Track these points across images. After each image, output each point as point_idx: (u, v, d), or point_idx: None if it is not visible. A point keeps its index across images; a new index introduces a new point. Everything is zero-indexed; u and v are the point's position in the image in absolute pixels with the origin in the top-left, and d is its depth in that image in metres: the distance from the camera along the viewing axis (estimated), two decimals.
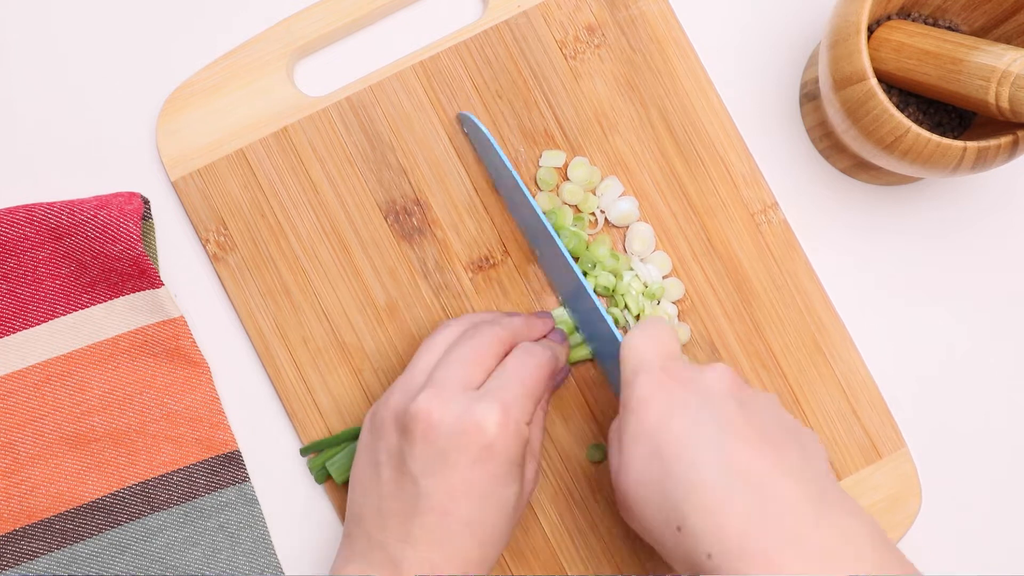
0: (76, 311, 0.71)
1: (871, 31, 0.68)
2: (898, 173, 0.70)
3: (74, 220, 0.70)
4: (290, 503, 0.72)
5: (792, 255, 0.72)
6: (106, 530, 0.70)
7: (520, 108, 0.73)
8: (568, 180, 0.72)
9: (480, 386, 0.63)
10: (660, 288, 0.71)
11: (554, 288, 0.72)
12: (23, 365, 0.71)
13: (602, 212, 0.72)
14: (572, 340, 0.71)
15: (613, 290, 0.71)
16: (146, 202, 0.72)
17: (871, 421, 0.72)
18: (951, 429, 0.73)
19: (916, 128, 0.62)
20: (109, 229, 0.70)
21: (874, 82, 0.63)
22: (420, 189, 0.72)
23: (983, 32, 0.68)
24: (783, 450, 0.57)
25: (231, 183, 0.72)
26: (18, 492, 0.70)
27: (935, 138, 0.62)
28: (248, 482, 0.71)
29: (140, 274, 0.71)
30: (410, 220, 0.72)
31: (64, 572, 0.70)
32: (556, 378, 0.69)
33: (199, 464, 0.71)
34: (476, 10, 0.74)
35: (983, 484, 0.73)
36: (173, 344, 0.72)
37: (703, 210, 0.73)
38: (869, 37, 0.67)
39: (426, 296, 0.72)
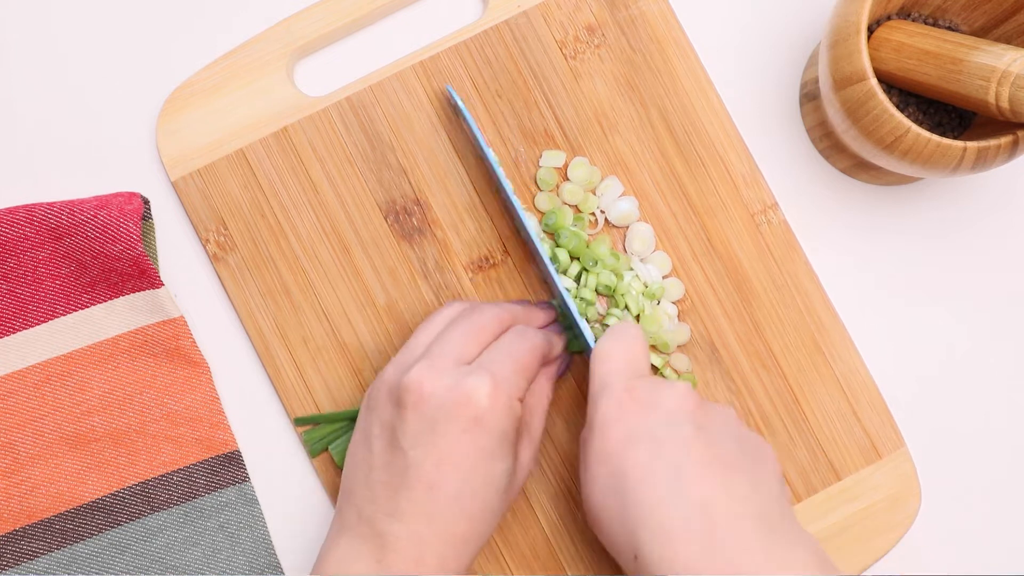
0: (76, 311, 0.71)
1: (871, 31, 0.68)
2: (898, 173, 0.70)
3: (74, 220, 0.70)
4: (290, 503, 0.72)
5: (792, 255, 0.72)
6: (106, 530, 0.70)
7: (520, 108, 0.73)
8: (568, 180, 0.72)
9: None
10: (660, 288, 0.71)
11: (551, 286, 0.72)
12: (23, 365, 0.71)
13: (602, 212, 0.72)
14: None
15: (614, 290, 0.71)
16: (146, 202, 0.72)
17: (871, 421, 0.72)
18: (951, 429, 0.73)
19: (916, 128, 0.62)
20: (109, 229, 0.70)
21: (874, 82, 0.63)
22: (420, 189, 0.72)
23: (983, 32, 0.68)
24: (738, 475, 0.60)
25: (231, 183, 0.72)
26: (18, 492, 0.70)
27: (935, 138, 0.62)
28: (248, 482, 0.71)
29: (140, 274, 0.71)
30: (410, 220, 0.72)
31: (64, 572, 0.70)
32: (558, 367, 0.69)
33: (199, 464, 0.71)
34: (476, 10, 0.74)
35: (983, 484, 0.73)
36: (173, 344, 0.72)
37: (703, 210, 0.72)
38: (869, 37, 0.67)
39: (426, 296, 0.72)
